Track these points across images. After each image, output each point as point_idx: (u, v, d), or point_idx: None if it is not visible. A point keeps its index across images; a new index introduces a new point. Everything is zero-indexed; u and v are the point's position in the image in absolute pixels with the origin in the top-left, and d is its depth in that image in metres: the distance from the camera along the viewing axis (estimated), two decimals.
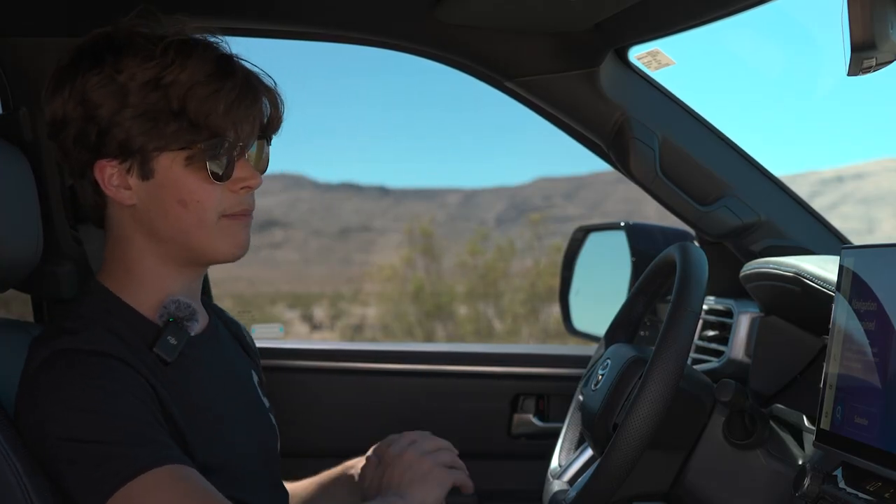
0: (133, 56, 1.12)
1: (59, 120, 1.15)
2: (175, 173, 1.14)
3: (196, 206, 1.15)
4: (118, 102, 1.11)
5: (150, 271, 1.19)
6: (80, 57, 1.15)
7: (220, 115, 1.12)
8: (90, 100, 1.12)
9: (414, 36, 1.69)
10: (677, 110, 1.74)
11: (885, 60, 0.93)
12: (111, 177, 1.15)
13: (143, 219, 1.17)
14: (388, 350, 2.07)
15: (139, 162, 1.13)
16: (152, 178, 1.14)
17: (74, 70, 1.14)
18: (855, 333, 1.09)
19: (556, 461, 1.53)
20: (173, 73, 1.11)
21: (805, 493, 1.08)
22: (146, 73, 1.11)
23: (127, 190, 1.15)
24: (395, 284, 15.59)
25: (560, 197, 31.75)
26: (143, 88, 1.11)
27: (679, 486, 1.35)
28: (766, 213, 1.74)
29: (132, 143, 1.12)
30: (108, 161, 1.14)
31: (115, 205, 1.18)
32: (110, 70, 1.12)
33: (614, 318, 1.58)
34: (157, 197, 1.15)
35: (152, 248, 1.18)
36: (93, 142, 1.13)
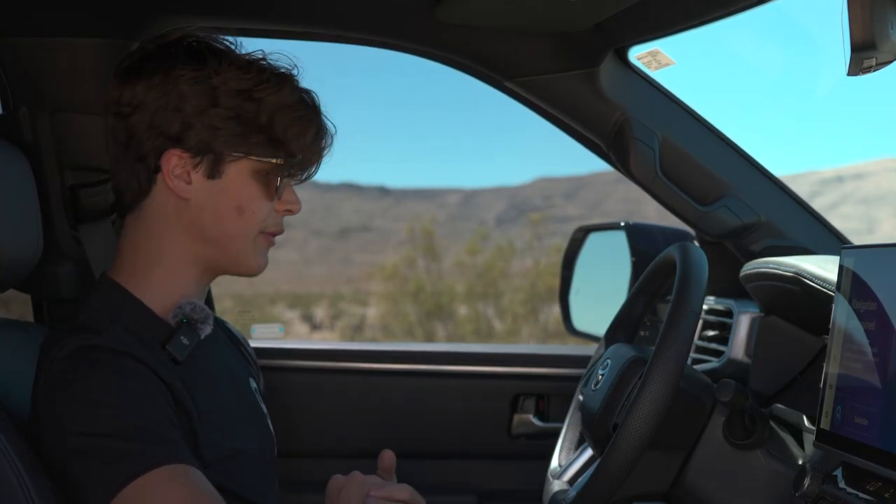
0: (230, 63, 1.18)
1: (137, 103, 1.17)
2: (242, 180, 1.19)
3: (250, 215, 1.20)
4: (208, 101, 1.16)
5: (174, 269, 1.21)
6: (177, 50, 1.19)
7: (303, 141, 1.20)
8: (180, 90, 1.16)
9: (414, 36, 1.69)
10: (677, 110, 1.74)
11: (885, 60, 0.93)
12: (176, 167, 1.18)
13: (192, 216, 1.19)
14: (388, 350, 2.07)
15: (212, 161, 1.18)
16: (218, 179, 1.18)
17: (170, 61, 1.17)
18: (855, 333, 1.09)
19: (556, 461, 1.53)
20: (266, 91, 1.18)
21: (805, 493, 1.08)
22: (241, 83, 1.17)
23: (188, 184, 1.18)
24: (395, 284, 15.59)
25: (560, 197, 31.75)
26: (237, 96, 1.17)
27: (679, 486, 1.35)
28: (766, 213, 1.74)
29: (214, 142, 1.17)
30: (181, 152, 1.17)
31: (163, 195, 1.19)
32: (209, 70, 1.17)
33: (614, 318, 1.58)
34: (216, 198, 1.19)
35: (187, 246, 1.20)
36: (173, 131, 1.16)
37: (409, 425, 2.01)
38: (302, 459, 1.96)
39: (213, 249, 1.21)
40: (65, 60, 1.60)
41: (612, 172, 1.87)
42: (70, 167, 1.65)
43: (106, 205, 1.68)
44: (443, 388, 2.01)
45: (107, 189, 1.67)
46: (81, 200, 1.65)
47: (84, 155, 1.66)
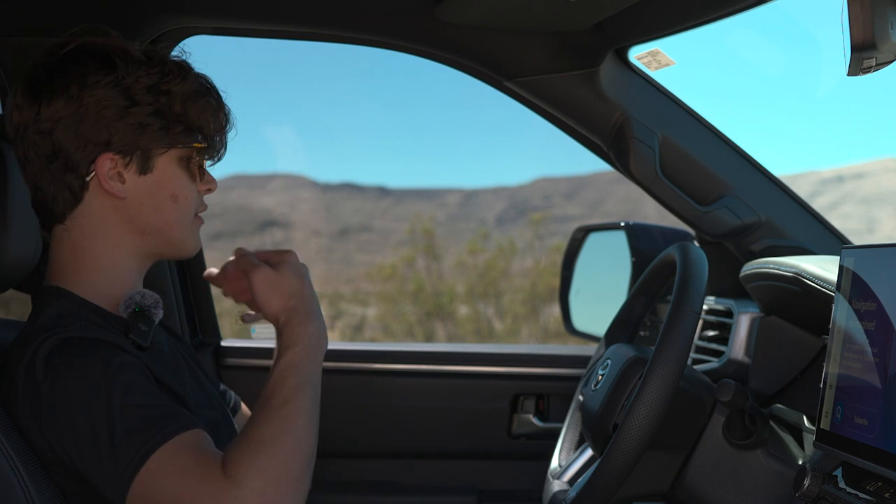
0: (137, 64, 1.21)
1: (59, 118, 1.19)
2: (172, 170, 1.24)
3: (184, 202, 1.25)
4: (126, 101, 1.19)
5: (116, 265, 1.24)
6: (83, 60, 1.21)
7: (213, 125, 1.26)
8: (98, 97, 1.18)
9: (414, 36, 1.69)
10: (677, 110, 1.74)
11: (885, 60, 0.93)
12: (109, 170, 1.20)
13: (130, 212, 1.22)
14: (388, 350, 2.07)
15: (140, 157, 1.21)
16: (150, 174, 1.22)
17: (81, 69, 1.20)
18: (855, 333, 1.09)
19: (556, 461, 1.53)
20: (173, 83, 1.22)
21: (805, 493, 1.08)
22: (149, 78, 1.21)
23: (121, 184, 1.21)
24: (395, 284, 15.59)
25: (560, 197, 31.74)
26: (149, 91, 1.20)
27: (679, 486, 1.35)
28: (766, 213, 1.74)
29: (141, 139, 1.20)
30: (112, 155, 1.20)
31: (100, 199, 1.22)
32: (120, 73, 1.20)
33: (614, 318, 1.58)
34: (151, 191, 1.23)
35: (128, 242, 1.24)
36: (101, 137, 1.19)
37: (410, 425, 2.01)
38: None
39: (154, 239, 1.25)
40: None
41: (612, 172, 1.87)
42: None
43: None
44: (443, 388, 2.01)
45: None
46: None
47: None
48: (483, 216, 31.47)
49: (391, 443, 2.01)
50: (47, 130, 1.20)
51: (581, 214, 26.65)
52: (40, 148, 1.21)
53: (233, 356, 2.00)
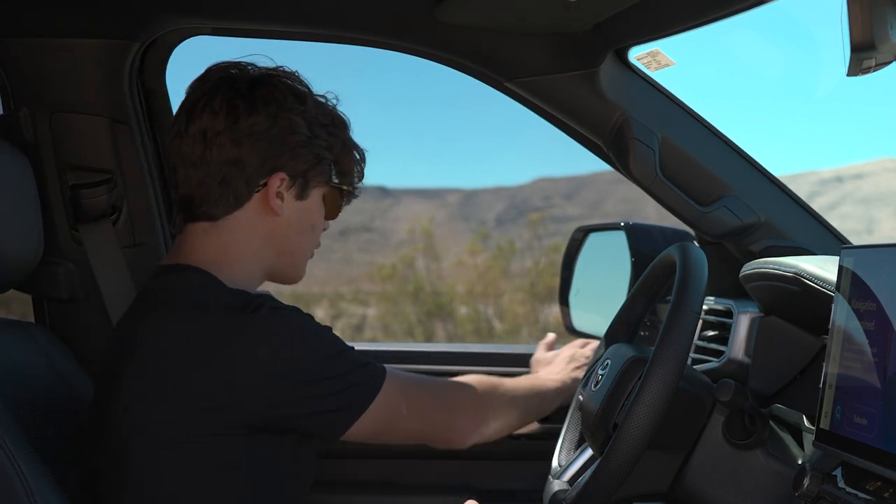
0: (316, 100, 1.37)
1: (256, 131, 1.30)
2: (317, 203, 1.38)
3: (315, 234, 1.41)
4: (308, 132, 1.33)
5: (248, 272, 1.36)
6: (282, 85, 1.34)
7: (356, 174, 1.43)
8: (291, 122, 1.32)
9: (414, 36, 1.69)
10: (677, 110, 1.74)
11: (885, 61, 0.93)
12: (276, 187, 1.33)
13: (278, 230, 1.36)
14: (388, 350, 2.07)
15: (302, 185, 1.35)
16: (304, 201, 1.36)
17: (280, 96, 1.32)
18: (854, 333, 1.09)
19: (556, 461, 1.53)
20: (339, 129, 1.39)
21: (805, 493, 1.08)
22: (324, 118, 1.36)
23: (280, 202, 1.34)
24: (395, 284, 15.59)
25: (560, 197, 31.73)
26: (322, 129, 1.35)
27: (679, 486, 1.35)
28: (766, 213, 1.74)
29: (308, 169, 1.34)
30: (283, 175, 1.33)
31: (257, 208, 1.34)
32: (309, 105, 1.34)
33: (614, 318, 1.58)
34: (300, 217, 1.37)
35: (263, 255, 1.37)
36: (282, 159, 1.32)
37: None
38: None
39: (284, 259, 1.39)
40: (65, 60, 1.60)
41: (612, 172, 1.86)
42: (70, 167, 1.66)
43: (106, 205, 1.68)
44: None
45: (107, 189, 1.68)
46: (81, 200, 1.66)
47: (84, 155, 1.66)
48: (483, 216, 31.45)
49: None
50: (237, 140, 1.30)
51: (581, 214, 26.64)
52: (225, 153, 1.30)
53: None
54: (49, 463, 1.32)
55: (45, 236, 1.51)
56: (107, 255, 1.67)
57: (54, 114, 1.63)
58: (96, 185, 1.66)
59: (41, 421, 1.39)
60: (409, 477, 2.01)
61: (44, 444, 1.34)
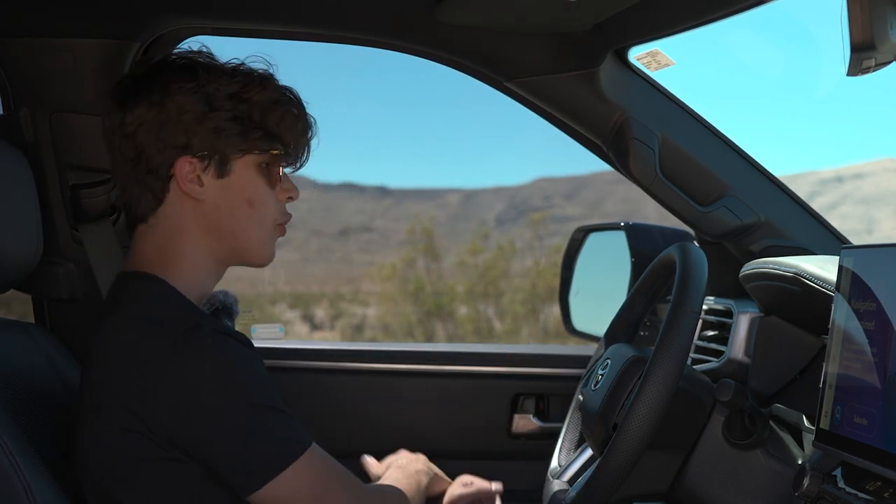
0: (217, 72, 1.28)
1: (141, 122, 1.25)
2: (248, 175, 1.29)
3: (260, 207, 1.30)
4: (205, 107, 1.25)
5: (195, 265, 1.29)
6: (165, 70, 1.28)
7: (293, 132, 1.31)
8: (179, 103, 1.25)
9: (414, 36, 1.69)
10: (677, 110, 1.74)
11: (885, 60, 0.93)
12: (188, 173, 1.26)
13: (208, 214, 1.28)
14: (388, 350, 2.07)
15: (218, 161, 1.27)
16: (227, 178, 1.28)
17: (163, 80, 1.27)
18: (854, 333, 1.09)
19: (556, 461, 1.53)
20: (253, 92, 1.28)
21: (805, 493, 1.08)
22: (230, 87, 1.27)
23: (199, 186, 1.27)
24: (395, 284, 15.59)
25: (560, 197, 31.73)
26: (229, 99, 1.27)
27: (679, 486, 1.35)
28: (766, 213, 1.74)
29: (218, 143, 1.26)
30: (190, 158, 1.26)
31: (180, 200, 1.27)
32: (201, 80, 1.26)
33: (614, 318, 1.58)
34: (227, 195, 1.28)
35: (205, 243, 1.29)
36: (179, 141, 1.25)
37: (410, 425, 2.01)
38: None
39: (229, 243, 1.30)
40: (65, 60, 1.60)
41: (612, 172, 1.87)
42: (70, 167, 1.65)
43: (106, 205, 1.68)
44: (443, 388, 2.01)
45: (107, 189, 1.68)
46: (81, 200, 1.66)
47: (84, 155, 1.66)
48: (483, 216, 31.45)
49: (391, 443, 2.01)
50: (131, 134, 1.26)
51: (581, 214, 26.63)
52: (125, 151, 1.27)
53: None
54: (49, 463, 1.32)
55: (45, 236, 1.51)
56: (107, 255, 1.67)
57: (54, 114, 1.63)
58: (96, 185, 1.66)
59: (41, 421, 1.39)
60: None
61: (44, 444, 1.34)
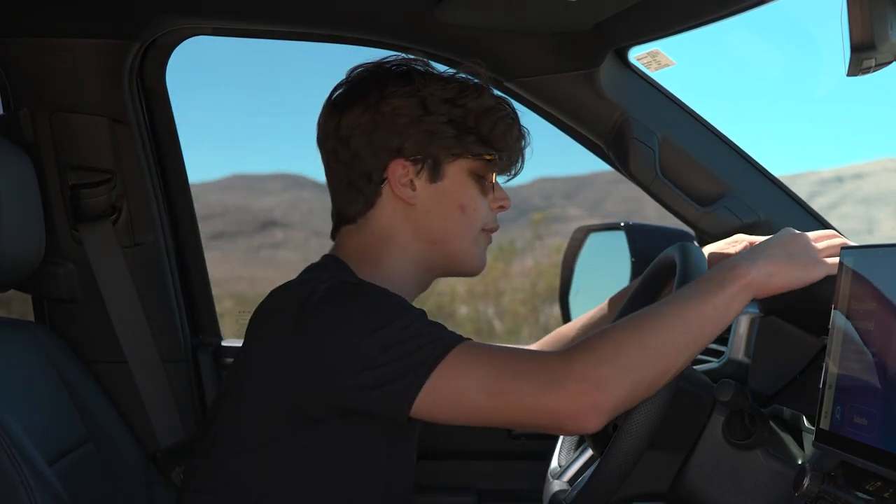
0: (433, 78, 1.29)
1: (356, 125, 1.26)
2: (461, 180, 1.28)
3: (472, 213, 1.29)
4: (419, 111, 1.25)
5: (399, 271, 1.29)
6: (385, 73, 1.29)
7: (507, 139, 1.30)
8: (394, 106, 1.25)
9: (414, 36, 1.69)
10: (677, 110, 1.74)
11: (885, 61, 0.94)
12: (401, 176, 1.26)
13: (419, 219, 1.28)
14: None
15: (431, 165, 1.27)
16: (439, 182, 1.27)
17: (381, 81, 1.28)
18: (854, 333, 1.09)
19: (556, 461, 1.53)
20: (469, 98, 1.28)
21: (805, 493, 1.08)
22: (446, 92, 1.27)
23: (412, 190, 1.27)
24: None
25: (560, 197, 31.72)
26: (444, 103, 1.26)
27: (679, 486, 1.35)
28: (766, 213, 1.74)
29: (431, 146, 1.26)
30: (404, 161, 1.26)
31: (392, 203, 1.28)
32: (417, 85, 1.27)
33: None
34: (439, 200, 1.28)
35: (414, 248, 1.29)
36: (394, 144, 1.25)
37: None
38: None
39: (440, 249, 1.29)
40: (65, 60, 1.60)
41: (612, 172, 1.87)
42: (70, 167, 1.66)
43: (106, 205, 1.68)
44: None
45: (107, 189, 1.68)
46: (81, 200, 1.66)
47: (84, 155, 1.66)
48: None
49: None
50: (345, 138, 1.27)
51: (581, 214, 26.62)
52: (339, 155, 1.28)
53: (233, 356, 1.99)
54: (49, 461, 1.32)
55: (46, 236, 1.51)
56: (107, 255, 1.67)
57: (54, 114, 1.63)
58: (96, 185, 1.66)
59: (41, 420, 1.39)
60: None
61: (44, 443, 1.34)
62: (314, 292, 1.14)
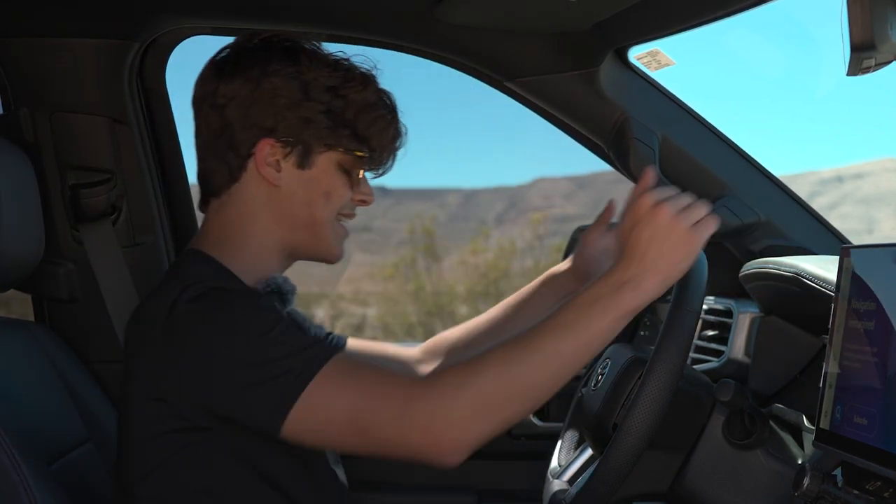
0: (320, 62, 1.26)
1: (233, 95, 1.23)
2: (329, 171, 1.26)
3: (337, 200, 1.27)
4: (300, 95, 1.23)
5: (262, 251, 1.27)
6: (272, 49, 1.26)
7: (382, 139, 1.29)
8: (275, 84, 1.23)
9: (414, 36, 1.69)
10: (677, 110, 1.74)
11: (885, 60, 0.94)
12: (268, 156, 1.24)
13: (282, 202, 1.26)
14: None
15: (301, 152, 1.24)
16: (306, 169, 1.25)
17: (265, 59, 1.24)
18: (854, 333, 1.09)
19: (556, 461, 1.53)
20: (353, 90, 1.26)
21: (805, 493, 1.08)
22: (330, 79, 1.25)
23: (277, 171, 1.24)
24: (395, 284, 15.58)
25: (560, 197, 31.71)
26: (326, 91, 1.24)
27: (679, 486, 1.35)
28: (766, 213, 1.74)
29: (304, 133, 1.24)
30: (273, 142, 1.24)
31: (253, 181, 1.25)
32: (302, 67, 1.24)
33: None
34: (304, 185, 1.25)
35: (275, 230, 1.27)
36: (267, 123, 1.23)
37: None
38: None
39: (300, 233, 1.28)
40: (65, 60, 1.60)
41: (612, 172, 1.87)
42: (70, 167, 1.66)
43: (106, 205, 1.68)
44: None
45: (107, 189, 1.68)
46: (81, 200, 1.66)
47: (84, 155, 1.66)
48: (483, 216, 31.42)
49: None
50: (220, 106, 1.24)
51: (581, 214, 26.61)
52: (211, 122, 1.25)
53: None
54: (49, 461, 1.32)
55: (46, 236, 1.51)
56: (107, 255, 1.67)
57: (54, 113, 1.63)
58: (96, 185, 1.66)
59: (41, 420, 1.39)
60: (409, 477, 2.01)
61: (43, 443, 1.34)
62: (178, 302, 1.13)
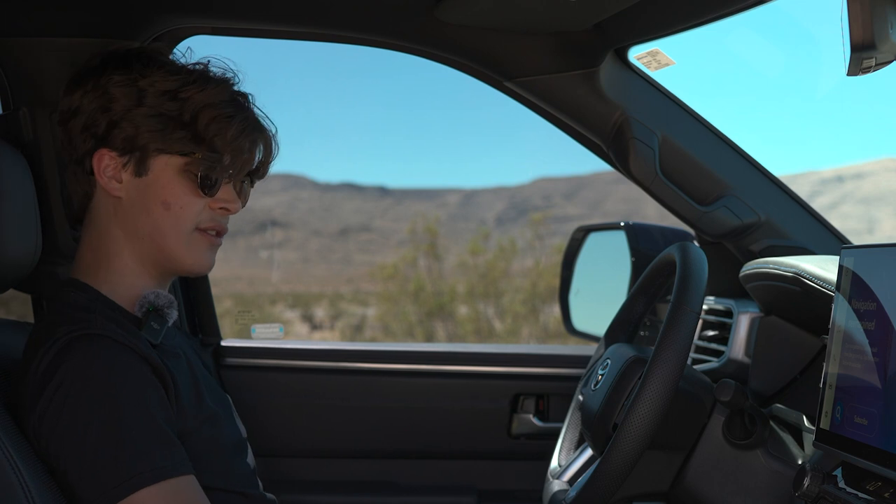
0: (158, 68, 1.24)
1: (74, 109, 1.23)
2: (167, 176, 1.22)
3: (178, 211, 1.22)
4: (134, 101, 1.21)
5: (126, 267, 1.24)
6: (108, 60, 1.25)
7: (224, 138, 1.22)
8: (109, 94, 1.21)
9: (414, 36, 1.69)
10: (677, 110, 1.74)
11: (885, 60, 0.93)
12: (107, 167, 1.22)
13: (126, 213, 1.23)
14: (388, 350, 2.07)
15: (137, 159, 1.22)
16: (145, 176, 1.22)
17: (101, 69, 1.24)
18: (855, 333, 1.09)
19: (556, 461, 1.53)
20: (191, 91, 1.22)
21: (805, 493, 1.08)
22: (167, 83, 1.22)
23: (118, 182, 1.23)
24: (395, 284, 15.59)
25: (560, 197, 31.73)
26: (161, 96, 1.21)
27: (679, 486, 1.35)
28: (766, 213, 1.74)
29: (137, 139, 1.21)
30: (109, 152, 1.22)
31: (102, 196, 1.24)
32: (135, 75, 1.22)
33: (614, 318, 1.58)
34: (144, 194, 1.22)
35: (128, 244, 1.24)
36: (101, 132, 1.21)
37: (409, 425, 2.01)
38: (302, 460, 1.96)
39: (149, 246, 1.24)
40: (65, 60, 1.60)
41: (612, 172, 1.87)
42: None
43: None
44: (443, 388, 2.01)
45: None
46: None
47: None
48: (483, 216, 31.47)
49: (391, 443, 2.01)
50: (65, 122, 1.25)
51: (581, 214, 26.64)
52: (61, 141, 1.26)
53: (233, 356, 2.00)
54: None
55: (44, 236, 1.51)
56: None
57: (54, 113, 1.62)
58: None
59: None
60: (408, 477, 2.01)
61: None
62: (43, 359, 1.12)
